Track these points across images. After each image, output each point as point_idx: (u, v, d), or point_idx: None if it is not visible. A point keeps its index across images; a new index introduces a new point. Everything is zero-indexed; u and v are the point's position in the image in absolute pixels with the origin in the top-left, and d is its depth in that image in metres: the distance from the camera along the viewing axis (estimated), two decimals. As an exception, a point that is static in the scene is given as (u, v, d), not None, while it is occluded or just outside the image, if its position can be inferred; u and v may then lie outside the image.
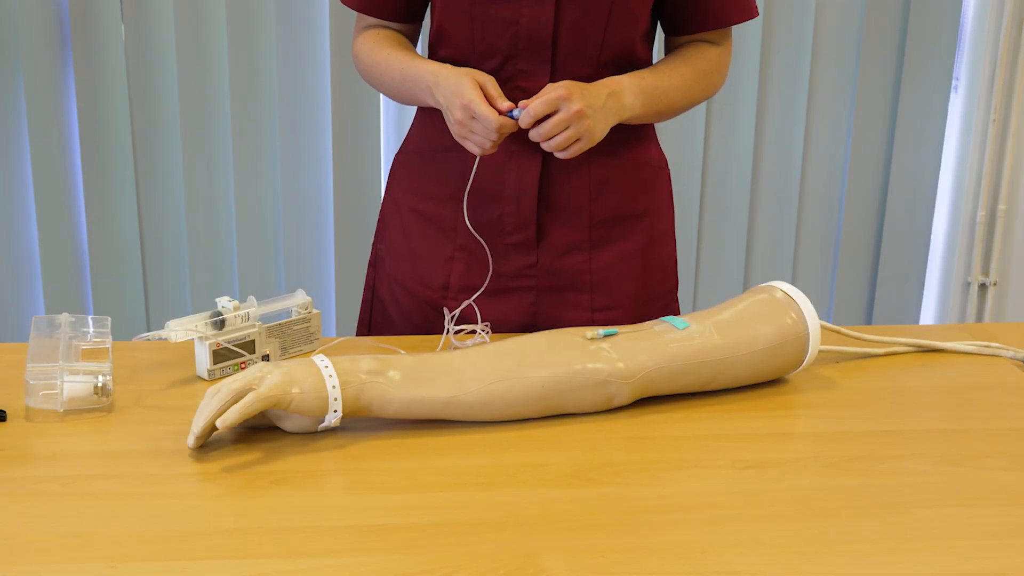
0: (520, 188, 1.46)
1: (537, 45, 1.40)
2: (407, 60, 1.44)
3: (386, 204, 1.59)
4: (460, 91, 1.33)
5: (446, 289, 1.51)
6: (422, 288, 1.53)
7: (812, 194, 2.76)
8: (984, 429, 1.23)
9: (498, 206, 1.46)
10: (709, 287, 2.78)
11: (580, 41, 1.40)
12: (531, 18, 1.38)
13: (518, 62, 1.41)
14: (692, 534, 0.99)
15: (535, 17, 1.38)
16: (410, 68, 1.42)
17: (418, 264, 1.53)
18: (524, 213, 1.47)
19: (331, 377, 1.14)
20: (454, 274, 1.50)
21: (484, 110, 1.31)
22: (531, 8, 1.38)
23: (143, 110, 2.42)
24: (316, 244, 2.58)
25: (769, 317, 1.29)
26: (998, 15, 2.69)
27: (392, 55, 1.46)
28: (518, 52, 1.40)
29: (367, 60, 1.49)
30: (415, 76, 1.41)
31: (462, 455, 1.14)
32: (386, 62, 1.46)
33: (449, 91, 1.34)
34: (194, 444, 1.12)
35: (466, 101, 1.31)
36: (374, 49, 1.48)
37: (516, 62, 1.41)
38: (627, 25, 1.42)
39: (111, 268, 2.49)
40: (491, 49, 1.40)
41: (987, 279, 2.87)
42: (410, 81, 1.42)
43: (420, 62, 1.42)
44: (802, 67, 2.64)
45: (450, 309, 1.49)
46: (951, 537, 0.99)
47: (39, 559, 0.93)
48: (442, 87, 1.36)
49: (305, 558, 0.94)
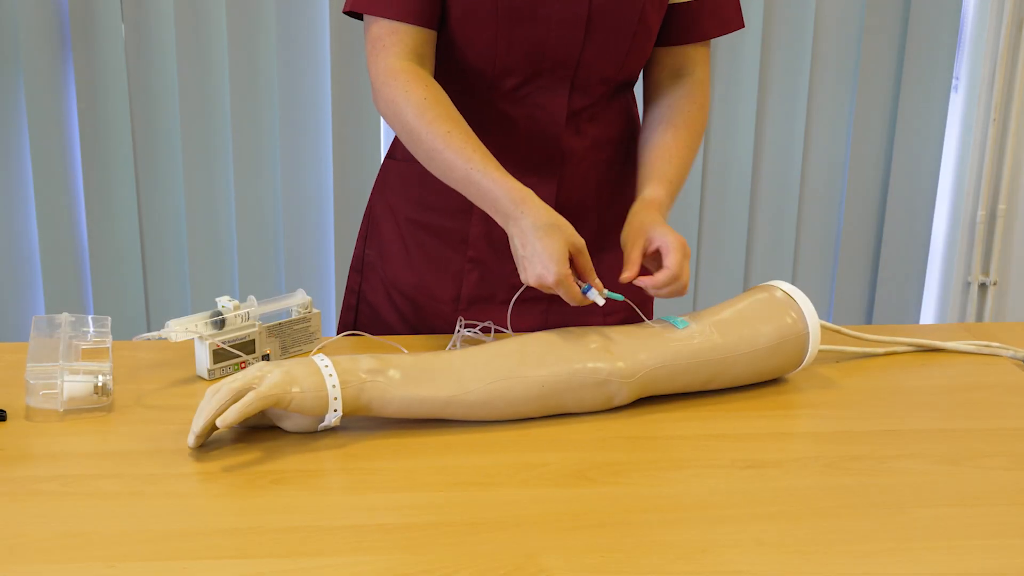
0: None
1: (561, 66, 1.38)
2: (475, 156, 1.29)
3: (376, 209, 1.55)
4: (552, 258, 1.23)
5: (457, 301, 1.50)
6: (427, 299, 1.51)
7: (812, 194, 2.76)
8: (984, 428, 1.23)
9: None
10: (709, 287, 2.78)
11: (603, 62, 1.40)
12: (559, 39, 1.36)
13: (539, 80, 1.39)
14: (692, 534, 0.99)
15: (563, 39, 1.36)
16: (481, 176, 1.28)
17: (423, 275, 1.51)
18: None
19: (331, 376, 1.14)
20: (465, 286, 1.49)
21: (573, 292, 1.24)
22: (560, 31, 1.36)
23: (143, 110, 2.42)
24: (316, 244, 2.58)
25: (769, 316, 1.29)
26: (998, 15, 2.69)
27: (453, 137, 1.30)
28: (541, 72, 1.39)
29: (413, 122, 1.32)
30: (487, 192, 1.28)
31: (462, 455, 1.14)
32: (445, 145, 1.30)
33: (539, 247, 1.23)
34: (194, 443, 1.12)
35: (557, 277, 1.23)
36: (424, 110, 1.31)
37: (537, 80, 1.39)
38: (645, 45, 1.42)
39: (111, 268, 2.49)
40: (513, 67, 1.38)
41: (987, 279, 2.87)
42: (478, 191, 1.29)
43: (495, 172, 1.28)
44: (802, 67, 2.64)
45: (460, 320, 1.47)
46: (951, 537, 0.99)
47: (39, 559, 0.93)
48: (529, 235, 1.25)
49: (305, 558, 0.94)
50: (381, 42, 1.35)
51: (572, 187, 1.46)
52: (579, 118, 1.43)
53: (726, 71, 2.62)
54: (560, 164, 1.44)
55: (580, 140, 1.45)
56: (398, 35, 1.35)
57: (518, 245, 1.26)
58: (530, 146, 1.43)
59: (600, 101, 1.44)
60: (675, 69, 1.47)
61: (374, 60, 1.36)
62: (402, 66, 1.34)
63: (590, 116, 1.44)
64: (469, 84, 1.41)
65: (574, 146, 1.45)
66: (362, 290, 1.57)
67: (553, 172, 1.44)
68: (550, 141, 1.43)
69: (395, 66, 1.34)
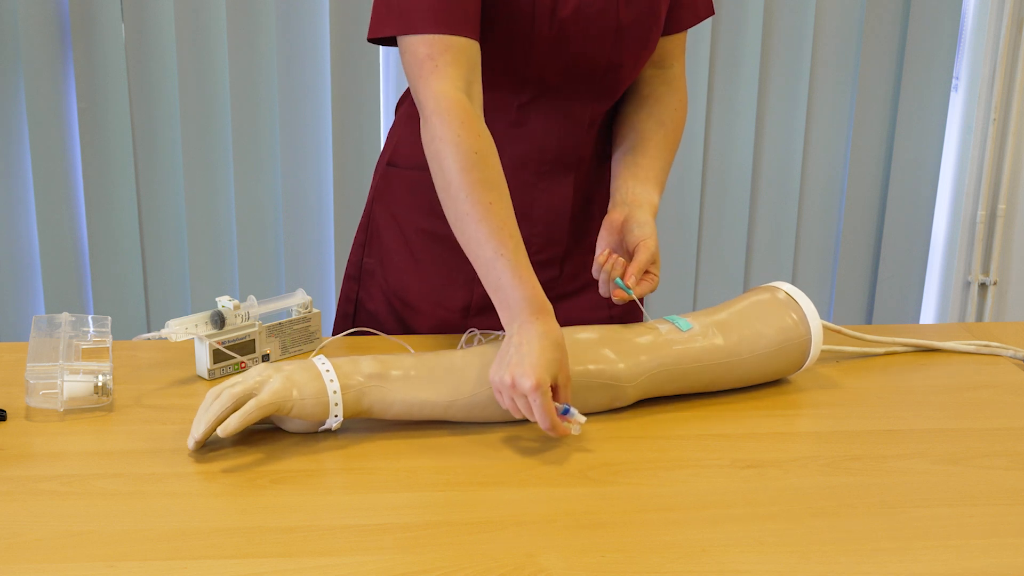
0: (551, 209, 1.46)
1: (590, 78, 1.38)
2: (508, 243, 1.18)
3: (377, 218, 1.53)
4: (544, 367, 1.12)
5: (467, 310, 1.50)
6: (434, 307, 1.50)
7: (812, 194, 2.76)
8: (984, 428, 1.23)
9: (526, 226, 1.41)
10: (709, 287, 2.77)
11: (628, 69, 1.41)
12: (590, 54, 1.36)
13: (566, 90, 1.39)
14: (692, 533, 0.99)
15: (594, 52, 1.36)
16: (508, 272, 1.17)
17: (433, 284, 1.50)
18: (554, 234, 1.47)
19: (332, 382, 1.14)
20: (476, 295, 1.48)
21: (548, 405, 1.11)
22: (591, 45, 1.35)
23: (143, 110, 2.42)
24: (316, 244, 2.58)
25: (771, 318, 1.29)
26: (998, 15, 2.69)
27: (492, 212, 1.19)
28: (568, 83, 1.38)
29: (455, 176, 1.20)
30: (506, 288, 1.17)
31: (462, 455, 1.14)
32: (482, 217, 1.19)
33: (536, 353, 1.12)
34: (194, 448, 1.12)
35: (538, 381, 1.10)
36: (471, 167, 1.20)
37: (565, 90, 1.39)
38: (650, 52, 1.43)
39: (111, 268, 2.49)
40: (542, 77, 1.37)
41: (987, 278, 2.87)
42: (497, 282, 1.18)
43: (524, 271, 1.18)
44: (802, 67, 2.64)
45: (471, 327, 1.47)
46: (951, 536, 0.99)
47: (39, 558, 0.93)
48: (534, 341, 1.13)
49: (305, 558, 0.94)
50: (433, 62, 1.23)
51: (587, 185, 1.48)
52: (598, 121, 1.44)
53: (726, 71, 2.61)
54: (577, 165, 1.45)
55: (598, 141, 1.46)
56: (451, 52, 1.23)
57: (514, 343, 1.14)
58: (551, 150, 1.43)
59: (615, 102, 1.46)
60: (654, 60, 1.48)
61: (425, 84, 1.23)
62: (456, 98, 1.22)
63: (607, 117, 1.46)
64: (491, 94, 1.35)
65: (591, 147, 1.46)
66: (359, 299, 1.56)
67: (569, 172, 1.45)
68: (571, 145, 1.43)
69: (450, 95, 1.22)
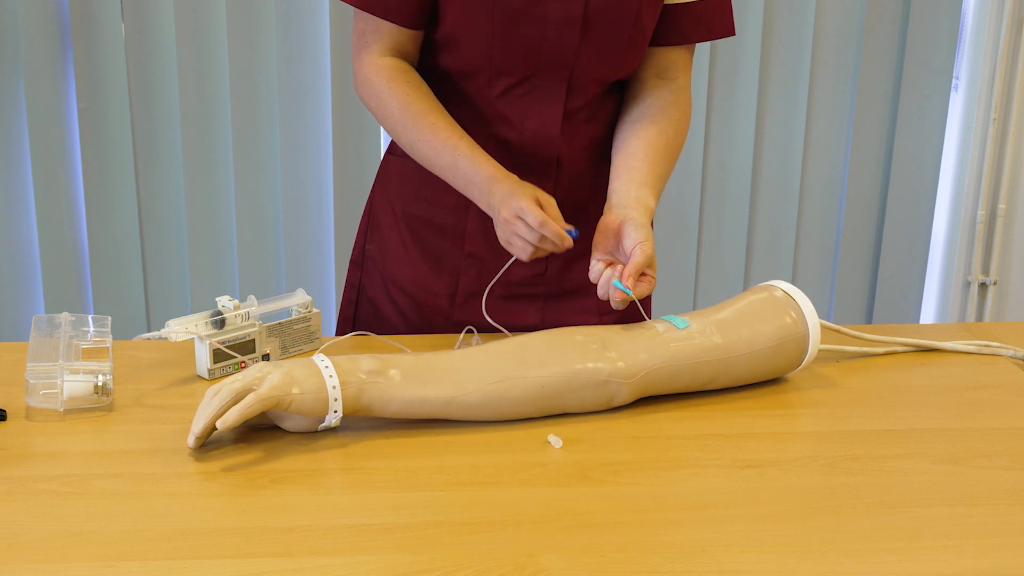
0: None
1: (557, 67, 1.38)
2: (460, 145, 1.37)
3: (377, 204, 1.56)
4: (515, 198, 1.30)
5: (453, 296, 1.50)
6: (424, 293, 1.52)
7: (812, 194, 2.76)
8: (984, 428, 1.23)
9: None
10: (709, 287, 2.77)
11: (599, 64, 1.40)
12: (555, 42, 1.36)
13: (535, 80, 1.40)
14: (691, 533, 0.99)
15: (559, 40, 1.36)
16: (466, 163, 1.35)
17: (421, 270, 1.52)
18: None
19: (331, 378, 1.14)
20: (462, 282, 1.50)
21: (533, 210, 1.28)
22: (556, 31, 1.36)
23: (143, 110, 2.42)
24: (316, 243, 2.58)
25: (769, 316, 1.29)
26: (998, 15, 2.69)
27: (438, 128, 1.37)
28: (536, 72, 1.39)
29: (398, 113, 1.38)
30: (471, 176, 1.35)
31: (462, 454, 1.14)
32: (432, 135, 1.37)
33: (504, 193, 1.31)
34: (194, 444, 1.12)
35: (518, 206, 1.29)
36: (409, 103, 1.38)
37: (533, 80, 1.40)
38: (640, 46, 1.42)
39: (111, 268, 2.49)
40: (508, 67, 1.38)
41: (987, 278, 2.87)
42: (462, 176, 1.36)
43: (479, 157, 1.36)
44: (802, 67, 2.64)
45: (457, 316, 1.49)
46: (951, 536, 0.99)
47: (39, 558, 0.93)
48: (496, 192, 1.32)
49: (305, 558, 0.94)
50: (364, 38, 1.41)
51: (570, 187, 1.47)
52: (575, 119, 1.43)
53: (726, 71, 2.61)
54: (557, 165, 1.45)
55: (577, 140, 1.45)
56: (380, 33, 1.39)
57: (493, 204, 1.32)
58: (527, 148, 1.43)
59: (594, 101, 1.44)
60: (659, 70, 1.47)
61: (357, 53, 1.42)
62: (385, 61, 1.40)
63: (586, 116, 1.45)
64: (465, 85, 1.41)
65: (571, 146, 1.45)
66: (362, 284, 1.58)
67: (550, 172, 1.45)
68: (547, 142, 1.43)
69: (378, 62, 1.40)
